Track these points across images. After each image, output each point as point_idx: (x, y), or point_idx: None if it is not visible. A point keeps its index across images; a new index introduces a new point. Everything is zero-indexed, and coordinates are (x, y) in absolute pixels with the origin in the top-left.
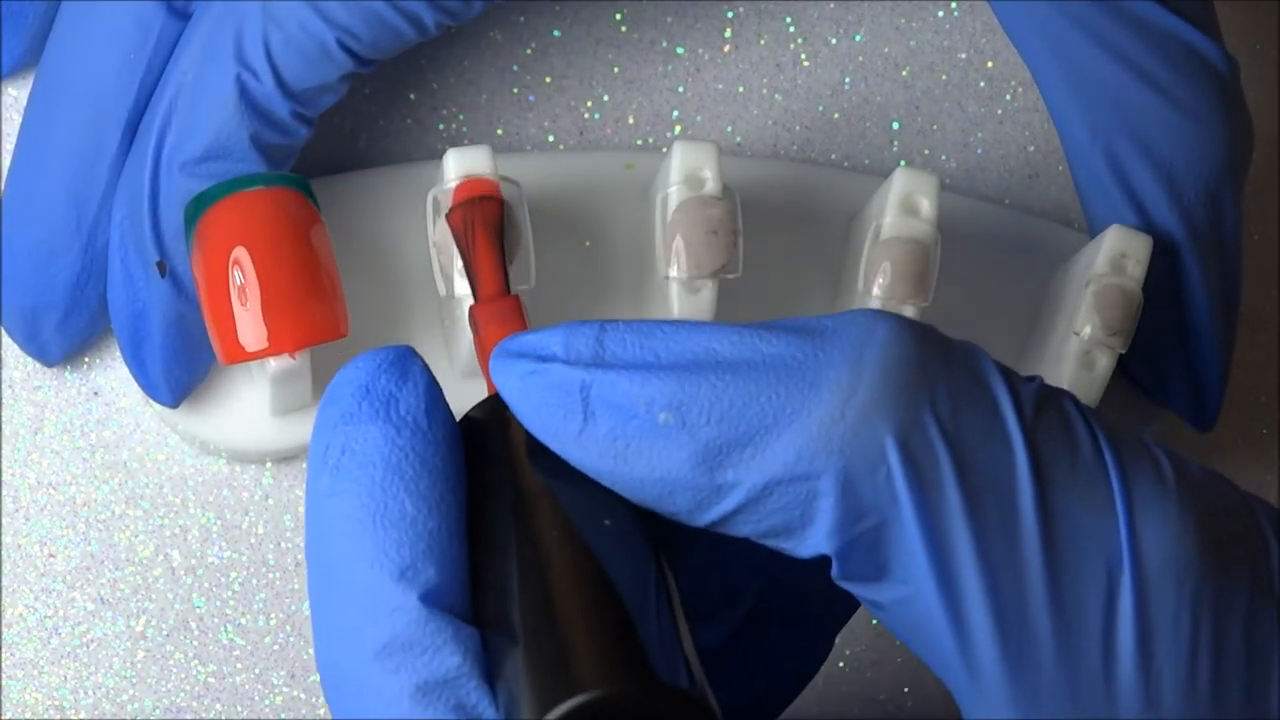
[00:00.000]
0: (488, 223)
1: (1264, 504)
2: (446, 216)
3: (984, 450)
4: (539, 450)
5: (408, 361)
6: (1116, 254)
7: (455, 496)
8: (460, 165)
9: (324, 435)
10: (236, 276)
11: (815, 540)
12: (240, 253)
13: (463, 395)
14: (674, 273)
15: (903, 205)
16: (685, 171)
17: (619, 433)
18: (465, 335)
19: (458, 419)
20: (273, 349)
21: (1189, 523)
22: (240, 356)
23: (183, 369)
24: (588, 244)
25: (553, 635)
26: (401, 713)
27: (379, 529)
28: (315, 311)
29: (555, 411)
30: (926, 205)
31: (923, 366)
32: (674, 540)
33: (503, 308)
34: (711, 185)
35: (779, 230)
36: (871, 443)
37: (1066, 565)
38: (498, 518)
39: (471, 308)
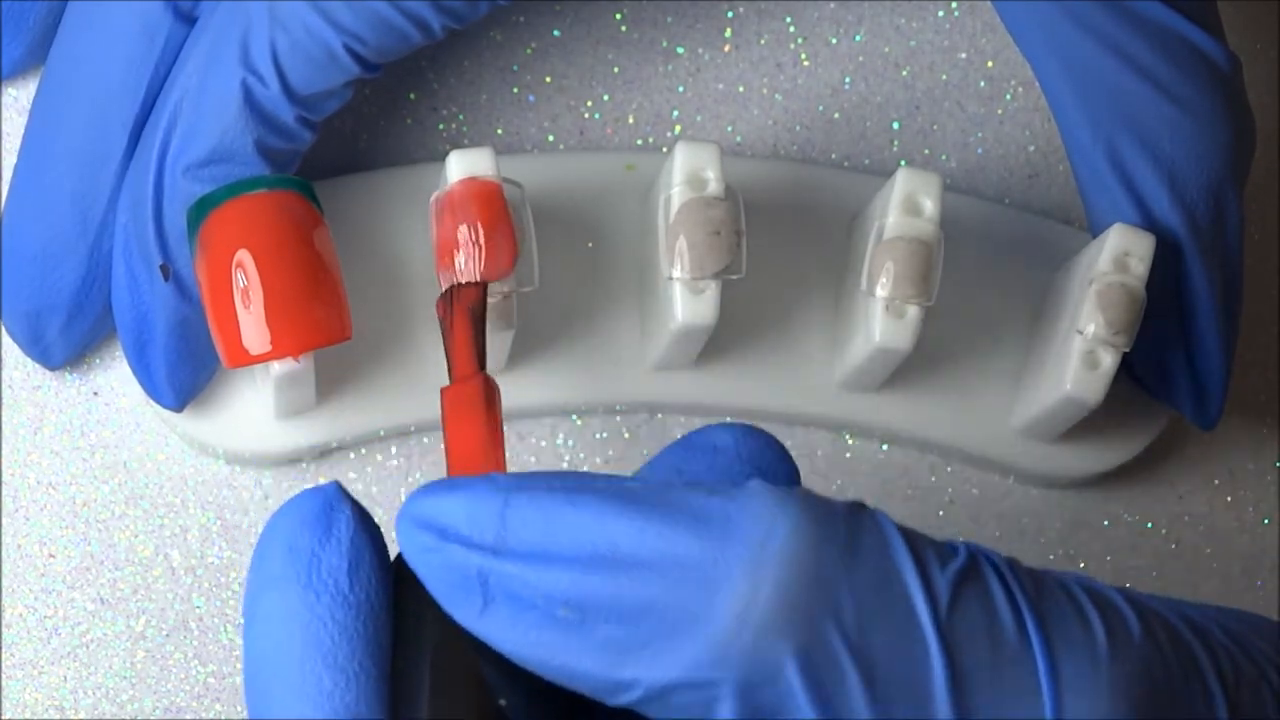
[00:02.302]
0: (466, 304)
1: (1213, 617)
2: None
3: (894, 655)
4: None
5: (334, 512)
6: (1119, 252)
7: (374, 661)
8: (463, 167)
9: (250, 596)
10: (240, 279)
11: None
12: (243, 256)
13: None
14: (677, 273)
15: (905, 205)
16: (687, 172)
17: (519, 620)
18: None
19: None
20: (276, 352)
21: (1120, 704)
22: (244, 360)
23: (187, 373)
24: (590, 245)
25: None
26: None
27: (298, 701)
28: (319, 314)
29: (456, 590)
30: (929, 205)
31: (825, 575)
32: None
33: (465, 393)
34: (714, 186)
35: (779, 230)
36: (770, 659)
37: None
38: (417, 676)
39: (442, 389)
